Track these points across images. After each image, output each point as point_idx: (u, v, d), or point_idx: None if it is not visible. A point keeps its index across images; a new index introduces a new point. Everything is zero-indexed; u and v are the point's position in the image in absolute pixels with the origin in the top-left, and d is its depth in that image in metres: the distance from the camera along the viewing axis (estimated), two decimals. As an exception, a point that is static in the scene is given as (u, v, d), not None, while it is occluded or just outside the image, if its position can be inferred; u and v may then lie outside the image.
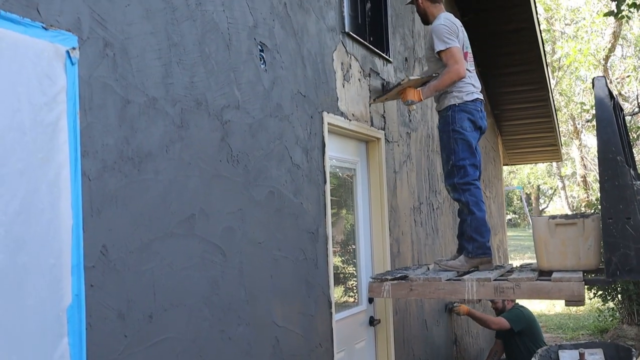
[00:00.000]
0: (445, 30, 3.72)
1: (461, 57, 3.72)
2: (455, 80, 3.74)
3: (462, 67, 3.69)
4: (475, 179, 3.71)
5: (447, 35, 3.71)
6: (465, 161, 3.68)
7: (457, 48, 3.71)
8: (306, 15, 3.32)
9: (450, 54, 3.70)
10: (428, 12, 3.95)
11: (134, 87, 2.04)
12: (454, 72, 3.70)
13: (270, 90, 2.88)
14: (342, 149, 3.89)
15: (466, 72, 3.74)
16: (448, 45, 3.69)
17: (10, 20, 1.61)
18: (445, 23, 3.77)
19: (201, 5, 2.43)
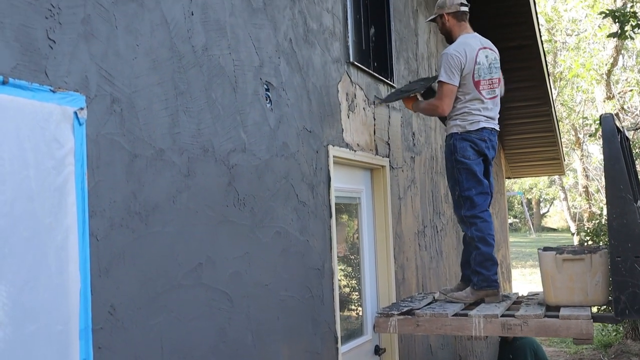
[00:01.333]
0: (450, 62, 3.65)
1: (448, 97, 3.66)
2: (433, 114, 3.97)
3: (444, 106, 3.68)
4: (483, 210, 3.66)
5: (447, 68, 3.65)
6: (471, 191, 3.65)
7: (449, 87, 3.65)
8: (311, 48, 3.31)
9: (440, 89, 3.70)
10: (453, 33, 3.84)
11: (141, 140, 2.03)
12: (434, 107, 3.79)
13: (276, 130, 2.87)
14: (347, 179, 3.88)
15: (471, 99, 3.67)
16: (444, 79, 3.66)
17: (19, 87, 1.60)
18: (454, 53, 3.68)
19: (208, 50, 2.41)
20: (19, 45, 1.62)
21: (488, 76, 3.73)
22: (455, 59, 3.66)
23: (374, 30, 4.55)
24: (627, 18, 6.07)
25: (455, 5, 3.82)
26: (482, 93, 3.72)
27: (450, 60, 3.67)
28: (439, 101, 3.71)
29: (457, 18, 3.82)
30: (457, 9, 3.81)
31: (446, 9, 3.83)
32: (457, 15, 3.82)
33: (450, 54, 3.69)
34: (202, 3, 2.40)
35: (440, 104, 3.70)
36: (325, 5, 3.52)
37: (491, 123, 3.75)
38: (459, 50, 3.69)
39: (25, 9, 1.64)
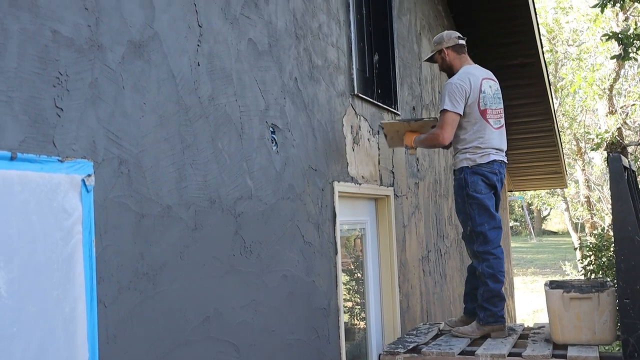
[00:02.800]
0: (456, 91, 3.62)
1: (450, 126, 3.58)
2: (434, 145, 3.77)
3: (444, 135, 3.59)
4: (496, 246, 3.63)
5: (451, 96, 3.61)
6: (484, 226, 3.60)
7: (451, 115, 3.59)
8: (316, 85, 3.30)
9: (442, 117, 3.63)
10: (453, 66, 3.81)
11: (148, 200, 2.01)
12: (435, 136, 3.66)
13: (282, 172, 2.85)
14: (351, 211, 3.86)
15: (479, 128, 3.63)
16: (446, 107, 3.61)
17: (27, 161, 1.58)
18: (458, 82, 3.65)
19: (214, 99, 2.40)
20: (27, 117, 1.61)
21: (494, 106, 3.71)
22: (459, 87, 3.63)
23: (378, 57, 4.54)
24: (630, 41, 6.06)
25: (453, 39, 3.82)
26: (489, 122, 3.68)
27: (454, 89, 3.63)
28: (439, 130, 3.63)
29: (457, 51, 3.81)
30: (455, 42, 3.81)
31: (444, 43, 3.82)
32: (456, 48, 3.81)
33: (454, 83, 3.66)
34: (208, 52, 2.38)
35: (441, 132, 3.61)
36: (330, 40, 3.51)
37: (500, 155, 3.71)
38: (463, 79, 3.66)
39: (33, 80, 1.63)
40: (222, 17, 2.49)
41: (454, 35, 3.83)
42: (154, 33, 2.10)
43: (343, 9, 3.74)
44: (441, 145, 3.75)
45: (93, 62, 1.83)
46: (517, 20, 6.58)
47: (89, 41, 1.82)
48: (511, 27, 6.70)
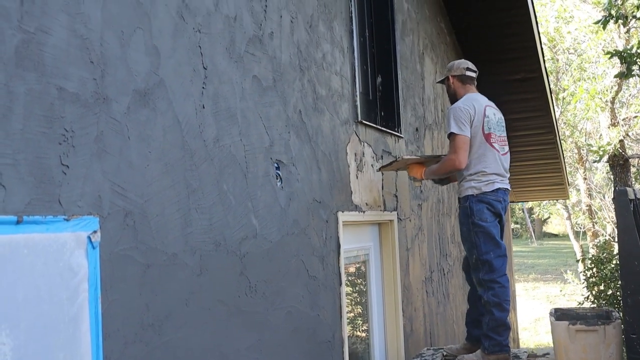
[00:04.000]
0: (459, 115, 3.62)
1: (463, 148, 3.57)
2: (450, 170, 3.70)
3: (459, 159, 3.57)
4: (502, 274, 3.61)
5: (457, 120, 3.61)
6: (490, 254, 3.59)
7: (462, 137, 3.59)
8: (320, 116, 3.29)
9: (453, 142, 3.62)
10: (457, 94, 3.84)
11: (153, 249, 2.00)
12: (449, 161, 3.63)
13: (286, 208, 2.84)
14: (355, 238, 3.85)
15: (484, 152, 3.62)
16: (455, 131, 3.61)
17: (33, 223, 1.57)
18: (462, 106, 3.67)
19: (219, 141, 2.39)
20: (33, 178, 1.60)
21: (498, 132, 3.71)
22: (464, 111, 3.63)
23: (381, 80, 4.53)
24: (633, 59, 6.05)
25: (461, 68, 3.84)
26: (494, 146, 3.67)
27: (459, 113, 3.63)
28: (454, 154, 3.59)
29: (462, 81, 3.83)
30: (462, 72, 3.83)
31: (452, 71, 3.86)
32: (462, 78, 3.83)
33: (459, 107, 3.67)
34: (213, 94, 2.37)
35: (456, 156, 3.58)
36: (333, 69, 3.50)
37: (505, 183, 3.71)
38: (466, 104, 3.68)
39: (39, 139, 1.62)
40: (227, 57, 2.48)
41: (462, 65, 3.86)
42: (159, 80, 2.09)
43: (347, 35, 3.73)
44: (458, 170, 3.67)
45: (98, 115, 1.82)
46: (520, 37, 6.57)
47: (94, 94, 1.81)
48: (514, 42, 6.70)
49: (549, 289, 20.96)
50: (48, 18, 1.67)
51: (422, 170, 3.83)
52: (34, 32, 1.62)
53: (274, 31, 2.85)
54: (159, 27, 2.09)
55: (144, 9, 2.03)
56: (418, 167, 3.82)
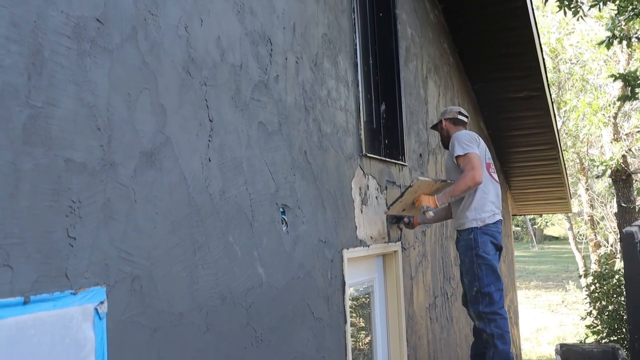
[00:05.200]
0: (465, 138, 3.74)
1: (479, 164, 3.63)
2: (470, 186, 3.66)
3: (478, 173, 3.60)
4: (501, 306, 3.64)
5: (466, 142, 3.71)
6: (491, 287, 3.62)
7: (475, 154, 3.65)
8: (325, 154, 3.27)
9: (467, 159, 3.65)
10: (449, 134, 3.96)
11: (160, 312, 1.98)
12: (469, 177, 3.62)
13: (292, 253, 2.83)
14: (360, 272, 3.83)
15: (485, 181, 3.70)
16: (466, 150, 3.65)
17: (40, 301, 1.56)
18: (466, 132, 3.82)
19: (225, 193, 2.38)
20: (40, 255, 1.58)
21: (491, 162, 3.91)
22: (469, 135, 3.79)
23: (385, 107, 4.52)
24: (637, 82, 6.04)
25: (453, 112, 4.04)
26: (493, 177, 3.82)
27: (465, 136, 3.76)
28: (472, 171, 3.59)
29: (454, 123, 4.06)
30: (454, 115, 4.03)
31: (445, 115, 4.06)
32: (454, 121, 4.04)
33: (462, 132, 3.81)
34: (219, 145, 2.36)
35: (474, 172, 3.58)
36: (338, 104, 3.48)
37: (500, 214, 3.81)
38: (468, 132, 3.82)
39: (45, 214, 1.60)
40: (233, 106, 2.47)
41: (455, 110, 4.05)
42: (165, 138, 2.07)
43: (351, 69, 3.72)
44: (477, 185, 3.67)
45: (105, 182, 1.81)
46: (523, 56, 6.57)
47: (101, 161, 1.80)
48: (517, 62, 6.69)
49: (551, 297, 20.93)
50: (56, 90, 1.66)
51: (433, 198, 3.81)
52: (42, 106, 1.61)
53: (279, 74, 2.84)
54: (165, 85, 2.08)
55: (151, 69, 2.02)
56: (427, 197, 3.81)
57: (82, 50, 1.75)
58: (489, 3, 5.92)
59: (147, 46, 2.01)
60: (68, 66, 1.70)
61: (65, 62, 1.69)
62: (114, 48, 1.87)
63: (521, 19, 5.98)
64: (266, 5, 2.77)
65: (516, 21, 6.03)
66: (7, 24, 1.53)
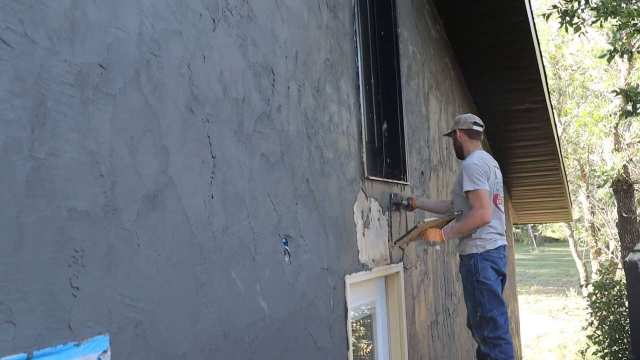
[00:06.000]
0: (477, 171, 3.67)
1: (488, 202, 3.63)
2: (479, 225, 3.67)
3: (487, 212, 3.61)
4: (506, 331, 3.64)
5: (477, 176, 3.65)
6: (494, 312, 3.62)
7: (485, 191, 3.64)
8: (327, 180, 3.27)
9: (477, 197, 3.63)
10: (464, 147, 3.90)
11: (163, 354, 1.98)
12: (479, 216, 3.62)
13: (294, 283, 2.82)
14: (362, 295, 3.82)
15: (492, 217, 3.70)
16: (477, 186, 3.63)
17: (44, 356, 1.55)
18: (477, 163, 3.72)
19: (227, 229, 2.37)
20: (43, 308, 1.57)
21: (500, 192, 3.83)
22: (480, 168, 3.70)
23: (387, 126, 4.52)
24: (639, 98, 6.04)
25: (468, 123, 3.90)
26: (499, 207, 3.77)
27: (476, 169, 3.69)
28: (482, 209, 3.59)
29: (469, 135, 3.88)
30: (469, 126, 3.89)
31: (459, 125, 3.91)
32: (469, 132, 3.89)
33: (475, 163, 3.72)
34: (221, 181, 2.35)
35: (485, 211, 3.58)
36: (340, 129, 3.48)
37: (504, 239, 3.79)
38: (480, 162, 3.74)
39: (48, 266, 1.60)
40: (235, 140, 2.46)
41: (470, 120, 3.91)
42: (168, 179, 2.07)
43: (353, 92, 3.71)
44: (487, 223, 3.67)
45: (108, 228, 1.80)
46: (525, 69, 6.57)
47: (104, 208, 1.79)
48: (519, 75, 6.69)
49: (551, 302, 20.93)
50: (59, 140, 1.65)
51: (440, 232, 3.79)
52: (45, 158, 1.61)
53: (282, 104, 2.83)
54: (168, 126, 2.08)
55: (153, 110, 2.01)
56: (433, 231, 3.79)
57: (85, 97, 1.75)
58: (490, 18, 5.92)
59: (150, 88, 2.00)
60: (71, 115, 1.69)
61: (68, 111, 1.68)
62: (117, 93, 1.86)
63: (523, 33, 5.98)
64: (268, 36, 2.76)
65: (518, 35, 6.03)
66: (11, 78, 1.53)
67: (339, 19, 3.58)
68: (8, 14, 1.53)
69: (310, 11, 3.20)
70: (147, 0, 2.02)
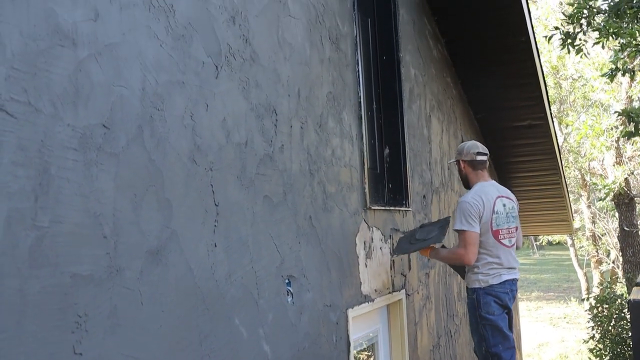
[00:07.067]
0: (468, 210, 3.62)
1: (473, 244, 3.59)
2: (457, 263, 3.77)
3: (470, 255, 3.59)
4: None
5: (467, 216, 3.61)
6: (498, 347, 3.60)
7: (472, 233, 3.59)
8: (330, 214, 3.26)
9: (462, 238, 3.63)
10: (469, 178, 3.88)
11: (166, 411, 1.97)
12: (459, 256, 3.67)
13: (297, 324, 2.81)
14: (364, 326, 3.81)
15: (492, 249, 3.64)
16: (464, 227, 3.61)
17: None
18: (471, 201, 3.67)
19: (231, 276, 2.36)
20: (46, 378, 1.57)
21: (506, 225, 3.71)
22: (473, 207, 3.63)
23: (389, 151, 4.51)
24: (641, 119, 6.05)
25: (471, 154, 3.83)
26: (502, 242, 3.69)
27: (468, 209, 3.64)
28: (463, 250, 3.61)
29: (473, 166, 3.83)
30: (472, 157, 3.82)
31: (462, 156, 3.85)
32: (472, 163, 3.83)
33: (468, 201, 3.67)
34: (224, 229, 2.34)
35: (466, 252, 3.60)
36: (343, 161, 3.47)
37: (512, 273, 3.71)
38: (476, 199, 3.67)
39: (51, 334, 1.59)
40: (238, 185, 2.45)
41: (473, 150, 3.85)
42: (171, 232, 2.06)
43: (355, 122, 3.71)
44: (467, 264, 3.70)
45: (112, 290, 1.79)
46: (527, 87, 6.56)
47: (107, 269, 1.78)
48: (521, 92, 6.69)
49: (552, 309, 20.91)
50: (62, 206, 1.64)
51: (428, 250, 3.84)
52: (48, 226, 1.60)
53: (284, 143, 2.83)
54: (171, 179, 2.07)
55: (156, 165, 2.01)
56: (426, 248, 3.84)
57: (89, 160, 1.74)
58: (492, 36, 5.92)
59: (154, 143, 1.99)
60: (75, 179, 1.69)
61: (71, 176, 1.68)
62: (120, 151, 1.86)
63: (525, 52, 5.98)
64: (271, 76, 2.76)
65: (520, 54, 6.03)
66: (14, 149, 1.52)
67: (341, 51, 3.57)
68: (12, 85, 1.52)
69: (312, 46, 3.19)
70: (150, 54, 2.01)
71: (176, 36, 2.14)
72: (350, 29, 3.75)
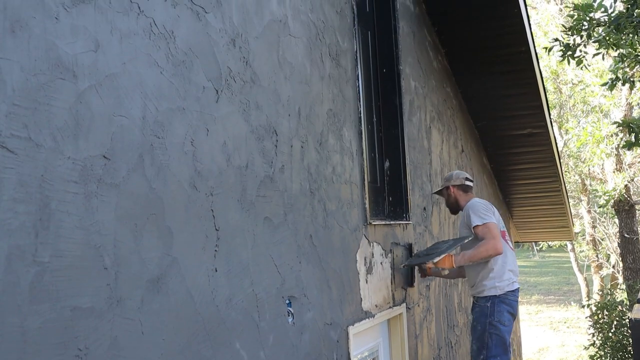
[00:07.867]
0: (482, 207, 3.82)
1: (498, 233, 3.70)
2: (492, 254, 3.71)
3: (499, 243, 3.67)
4: None
5: (483, 211, 3.78)
6: (497, 358, 3.63)
7: (493, 224, 3.72)
8: (330, 232, 3.25)
9: (487, 229, 3.70)
10: (459, 201, 4.01)
11: None
12: (491, 246, 3.67)
13: (298, 344, 2.81)
14: (364, 341, 3.81)
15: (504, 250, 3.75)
16: (485, 220, 3.70)
17: None
18: (480, 202, 3.87)
19: (231, 300, 2.35)
20: (47, 414, 1.56)
21: (505, 230, 3.88)
22: (485, 204, 3.86)
23: (389, 164, 4.51)
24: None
25: (460, 179, 4.05)
26: (508, 243, 3.84)
27: (480, 206, 3.86)
28: (492, 240, 3.65)
29: (463, 190, 4.06)
30: (462, 182, 4.03)
31: (452, 181, 4.06)
32: (463, 187, 4.07)
33: (477, 201, 3.86)
34: (225, 253, 2.34)
35: (495, 241, 3.65)
36: (343, 178, 3.47)
37: (518, 281, 3.82)
38: (482, 201, 3.88)
39: (53, 370, 1.59)
40: (239, 209, 2.45)
41: (461, 176, 4.06)
42: (171, 260, 2.06)
43: (356, 137, 3.70)
44: (498, 254, 3.72)
45: (112, 321, 1.79)
46: (527, 96, 6.57)
47: (108, 301, 1.78)
48: (521, 102, 6.70)
49: (552, 313, 20.88)
50: (63, 240, 1.64)
51: (450, 259, 3.82)
52: (49, 261, 1.60)
53: (285, 164, 2.83)
54: (171, 206, 2.07)
55: (157, 194, 2.00)
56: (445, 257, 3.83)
57: (89, 192, 1.74)
58: (492, 46, 5.93)
59: (154, 172, 1.99)
60: (75, 212, 1.68)
61: (72, 209, 1.67)
62: (120, 182, 1.85)
63: (525, 62, 5.98)
64: (271, 96, 2.76)
65: (521, 64, 6.03)
66: (15, 185, 1.52)
67: (341, 66, 3.57)
68: (12, 121, 1.52)
69: (313, 64, 3.19)
70: (151, 82, 2.01)
71: (176, 62, 2.14)
72: (351, 45, 3.75)
